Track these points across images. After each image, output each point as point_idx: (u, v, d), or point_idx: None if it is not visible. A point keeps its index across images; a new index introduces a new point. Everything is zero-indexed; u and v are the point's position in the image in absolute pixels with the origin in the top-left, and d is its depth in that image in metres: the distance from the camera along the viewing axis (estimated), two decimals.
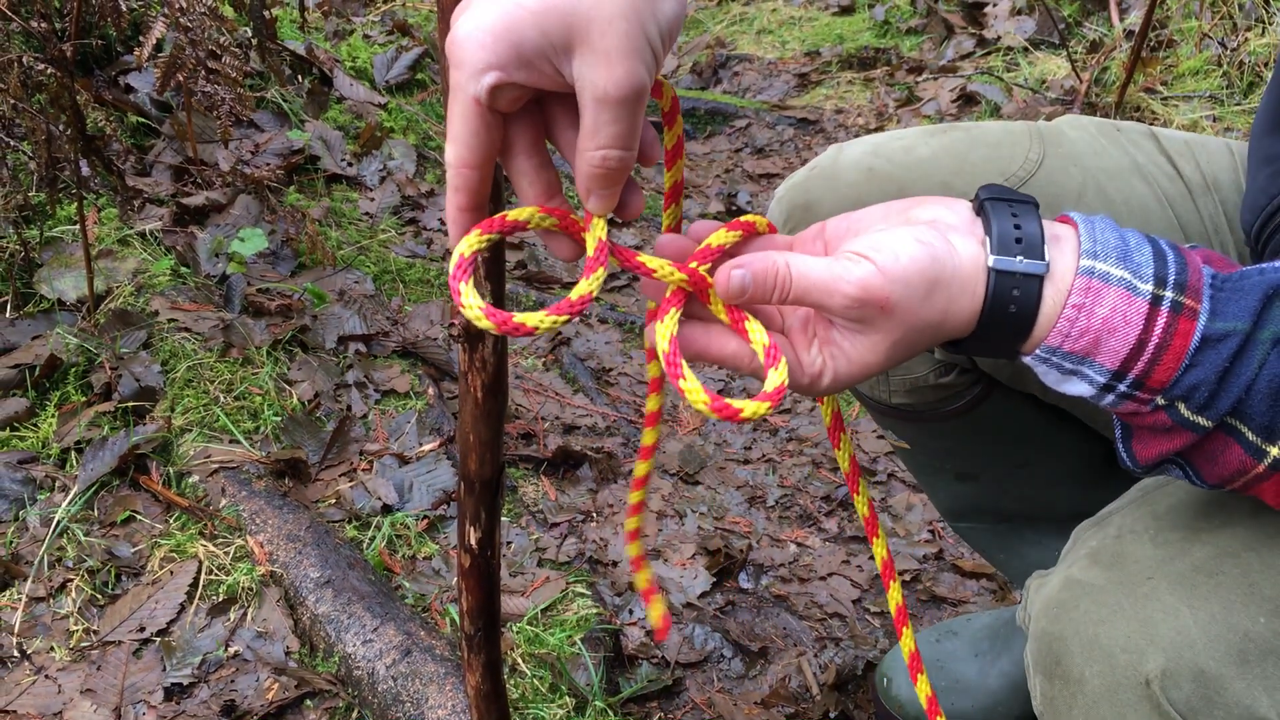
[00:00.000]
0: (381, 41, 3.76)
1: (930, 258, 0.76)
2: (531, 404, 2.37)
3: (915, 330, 0.77)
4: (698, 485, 2.25)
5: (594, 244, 0.79)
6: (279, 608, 1.76)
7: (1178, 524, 0.90)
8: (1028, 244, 0.77)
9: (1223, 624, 0.81)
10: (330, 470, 2.05)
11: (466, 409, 1.01)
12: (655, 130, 0.82)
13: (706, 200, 3.58)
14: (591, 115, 0.72)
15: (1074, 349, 0.76)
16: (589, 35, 0.69)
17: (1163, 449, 0.79)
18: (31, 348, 2.10)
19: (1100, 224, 0.79)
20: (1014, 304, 0.76)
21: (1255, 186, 1.06)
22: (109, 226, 2.40)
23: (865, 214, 0.84)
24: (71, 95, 1.92)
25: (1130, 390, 0.77)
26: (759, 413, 0.77)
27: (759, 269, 0.77)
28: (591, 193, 0.77)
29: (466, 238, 0.77)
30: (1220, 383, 0.74)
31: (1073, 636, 0.86)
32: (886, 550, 1.02)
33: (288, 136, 2.95)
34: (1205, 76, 3.57)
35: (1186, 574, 0.85)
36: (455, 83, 0.72)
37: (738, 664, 1.82)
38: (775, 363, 0.78)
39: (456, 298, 0.76)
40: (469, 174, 0.75)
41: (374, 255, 2.72)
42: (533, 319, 0.76)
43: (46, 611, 1.74)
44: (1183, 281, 0.75)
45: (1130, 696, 0.81)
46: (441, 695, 1.57)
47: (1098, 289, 0.75)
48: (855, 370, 0.80)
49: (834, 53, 4.76)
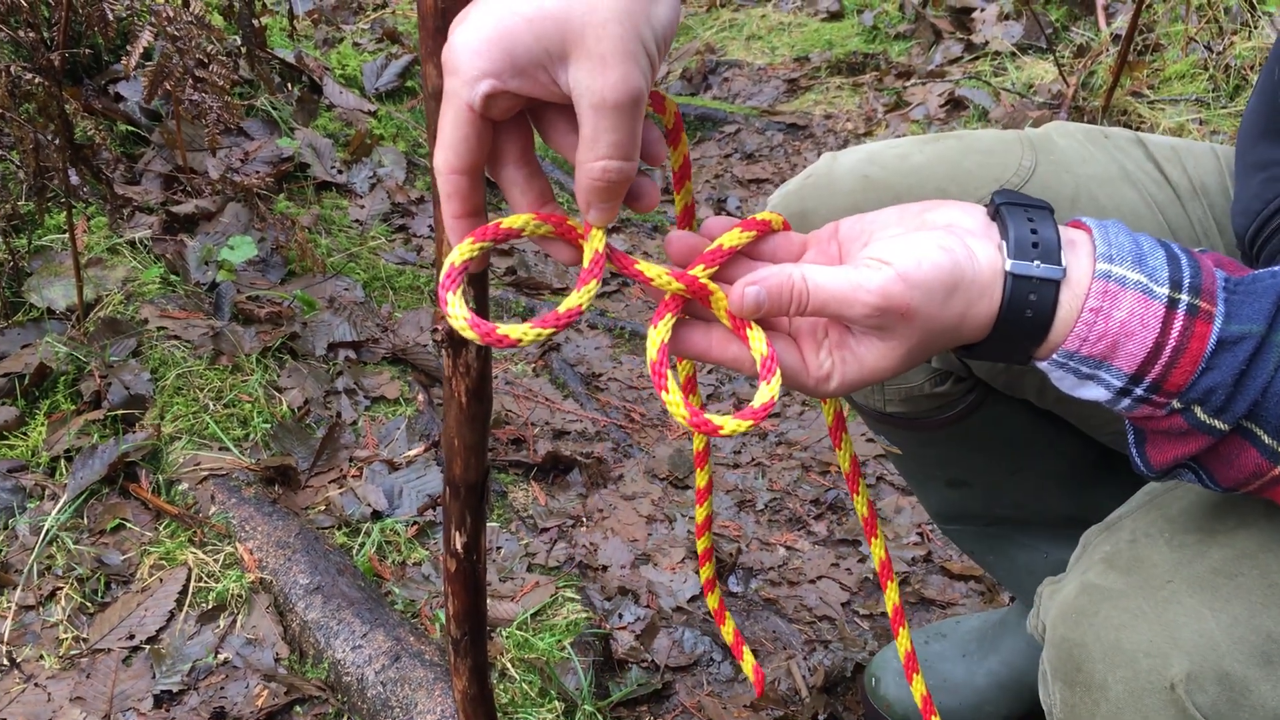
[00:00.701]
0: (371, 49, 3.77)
1: (952, 263, 0.75)
2: (521, 409, 2.38)
3: (932, 335, 0.77)
4: (687, 489, 2.26)
5: (590, 255, 0.78)
6: (268, 614, 1.76)
7: (1191, 526, 0.90)
8: (1044, 249, 0.77)
9: (1246, 626, 0.81)
10: (320, 477, 2.06)
11: (451, 414, 1.01)
12: (657, 128, 0.81)
13: (697, 205, 3.59)
14: (590, 124, 0.71)
15: (1091, 353, 0.76)
16: (584, 40, 0.69)
17: (1178, 453, 0.79)
18: (21, 356, 2.10)
19: (1114, 228, 0.79)
20: (1030, 309, 0.76)
21: (1248, 192, 1.06)
22: (98, 235, 2.40)
23: (879, 216, 0.84)
24: (60, 104, 1.92)
25: (1147, 394, 0.76)
26: (739, 430, 0.77)
27: (774, 285, 0.77)
28: (592, 205, 0.76)
29: (459, 246, 0.77)
30: (1237, 385, 0.74)
31: (1094, 642, 0.85)
32: (885, 551, 1.02)
33: (277, 144, 2.95)
34: (1191, 80, 3.59)
35: (1206, 576, 0.84)
36: (449, 89, 0.72)
37: (727, 667, 1.83)
38: (769, 376, 0.78)
39: (444, 307, 0.76)
40: (459, 180, 0.75)
41: (364, 262, 2.73)
42: (517, 331, 0.75)
43: (36, 619, 1.74)
44: (1197, 285, 0.75)
45: (1155, 702, 0.81)
46: (431, 700, 1.57)
47: (1115, 292, 0.75)
48: (866, 375, 0.79)
49: (823, 58, 4.78)
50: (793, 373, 0.80)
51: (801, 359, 0.81)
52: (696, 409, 0.77)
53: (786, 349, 0.81)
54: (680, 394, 0.77)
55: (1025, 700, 1.64)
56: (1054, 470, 1.44)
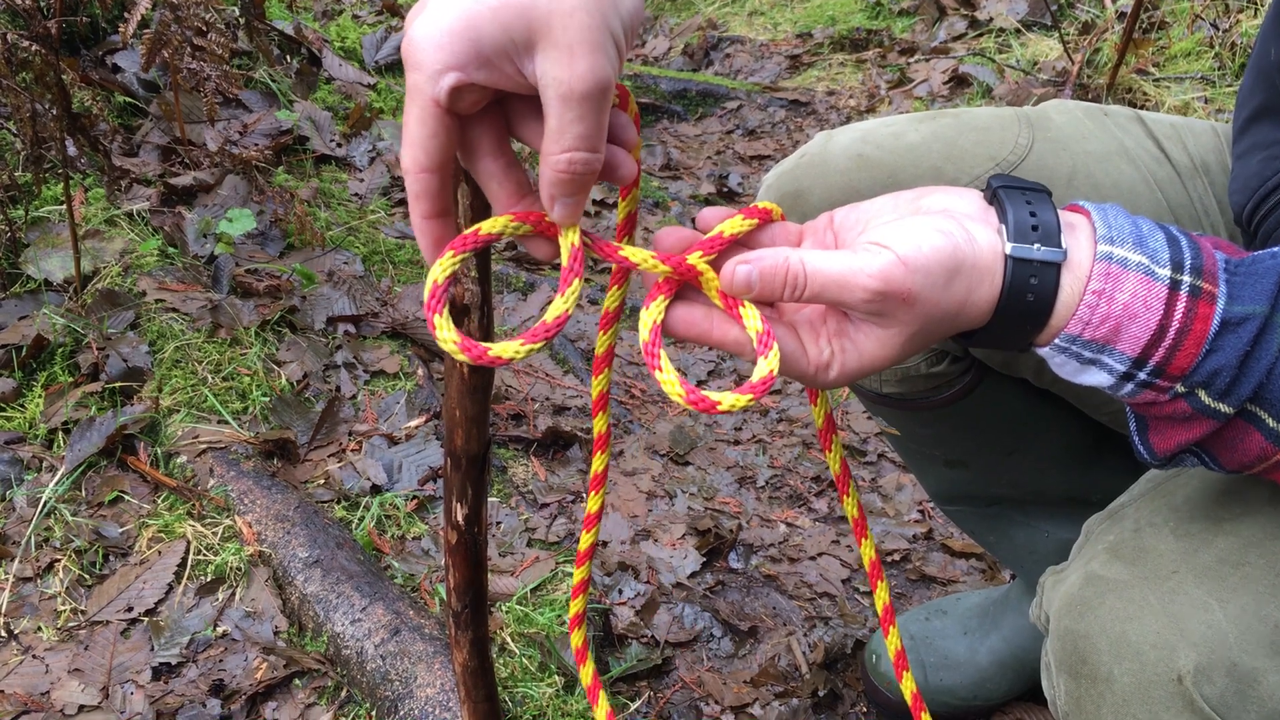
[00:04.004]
0: (371, 21, 3.74)
1: (952, 247, 0.74)
2: (522, 385, 2.37)
3: (933, 321, 0.75)
4: (688, 466, 2.25)
5: (568, 252, 0.76)
6: (267, 587, 1.75)
7: (1196, 515, 0.89)
8: (1044, 232, 0.75)
9: (1253, 616, 0.80)
10: (319, 451, 2.05)
11: (453, 385, 1.00)
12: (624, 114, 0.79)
13: (698, 182, 3.57)
14: (557, 115, 0.69)
15: (1094, 336, 0.75)
16: (550, 29, 0.67)
17: (1181, 439, 0.78)
18: (18, 328, 2.09)
19: (1113, 211, 0.77)
20: (1031, 292, 0.75)
21: (1247, 170, 1.05)
22: (96, 206, 2.39)
23: (874, 204, 0.82)
24: (57, 73, 1.90)
25: (1150, 378, 0.75)
26: (738, 405, 0.75)
27: (768, 266, 0.75)
28: (556, 200, 0.73)
29: (440, 262, 0.75)
30: (1241, 367, 0.73)
31: (1099, 634, 0.84)
32: (875, 552, 1.01)
33: (276, 117, 2.93)
34: (1197, 58, 3.57)
35: (1212, 566, 0.83)
36: (413, 84, 0.69)
37: (727, 643, 1.82)
38: (766, 350, 0.76)
39: (432, 330, 0.74)
40: (428, 179, 0.72)
41: (363, 236, 2.71)
42: (508, 351, 0.74)
43: (34, 591, 1.73)
44: (1199, 266, 0.74)
45: (1162, 694, 0.80)
46: (430, 674, 1.57)
47: (1117, 274, 0.74)
48: (866, 363, 0.78)
49: (826, 34, 4.74)
50: (792, 360, 0.78)
51: (801, 346, 0.79)
52: (693, 386, 0.76)
53: (786, 336, 0.79)
54: (675, 373, 0.76)
55: (1025, 678, 1.64)
56: (1052, 450, 1.43)
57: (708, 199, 3.44)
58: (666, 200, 3.39)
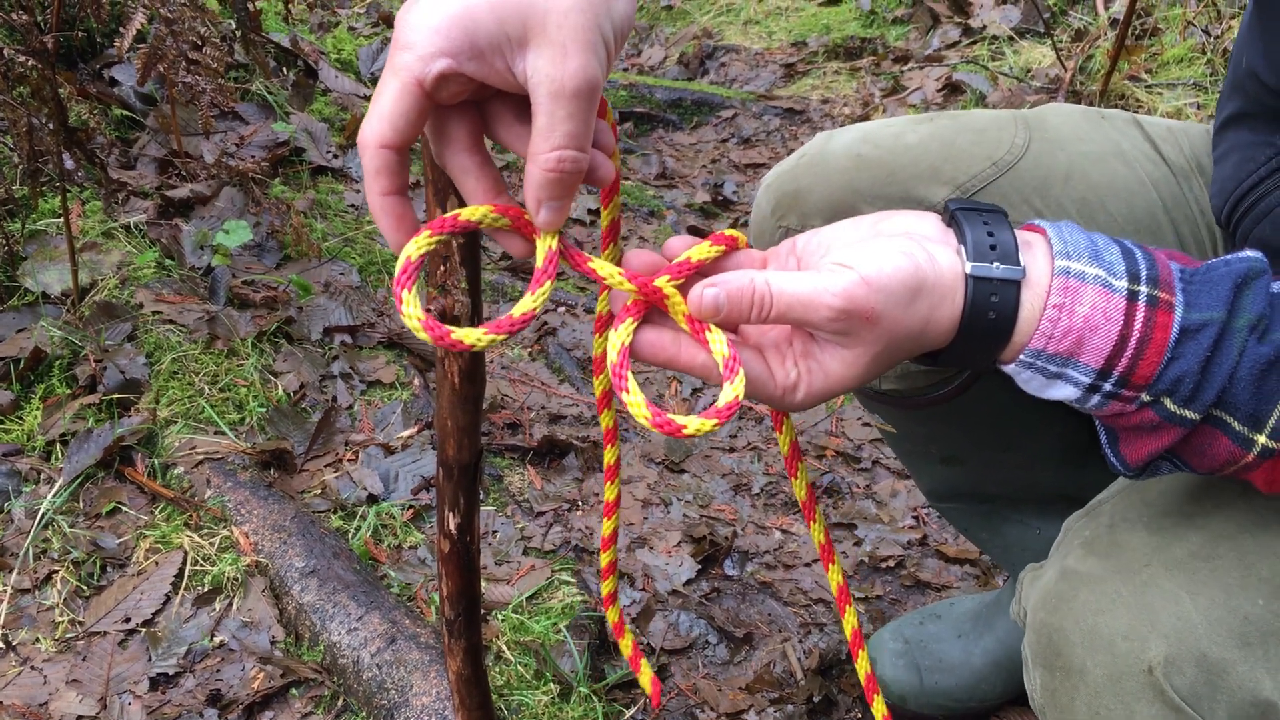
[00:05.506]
0: (367, 33, 3.76)
1: (914, 266, 0.75)
2: (517, 394, 2.38)
3: (897, 340, 0.77)
4: (683, 473, 2.26)
5: (544, 254, 0.77)
6: (264, 597, 1.76)
7: (1170, 510, 0.90)
8: (1002, 250, 0.77)
9: (1223, 608, 0.81)
10: (316, 461, 2.06)
11: (444, 395, 1.01)
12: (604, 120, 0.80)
13: (693, 190, 3.58)
14: (547, 113, 0.70)
15: (1058, 350, 0.76)
16: (545, 27, 0.69)
17: (1151, 448, 0.79)
18: (16, 341, 2.10)
19: (1067, 227, 0.79)
20: (993, 310, 0.76)
21: (1223, 173, 1.07)
22: (93, 219, 2.40)
23: (835, 229, 0.84)
24: (54, 87, 1.91)
25: (1115, 389, 0.76)
26: (703, 430, 0.76)
27: (735, 288, 0.76)
28: (543, 203, 0.74)
29: (415, 239, 0.75)
30: (1204, 373, 0.74)
31: (1072, 627, 0.86)
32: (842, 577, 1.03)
33: (273, 129, 2.94)
34: (1189, 64, 3.58)
35: (1183, 560, 0.85)
36: (398, 63, 0.70)
37: (722, 650, 1.83)
38: (732, 376, 0.77)
39: (399, 305, 0.75)
40: (388, 155, 0.73)
41: (359, 247, 2.72)
42: (470, 336, 0.75)
43: (32, 603, 1.74)
44: (1154, 276, 0.76)
45: (1133, 685, 0.81)
46: (426, 682, 1.57)
47: (1075, 288, 0.75)
48: (832, 385, 0.79)
49: (820, 43, 4.76)
50: (759, 383, 0.79)
51: (768, 369, 0.80)
52: (659, 409, 0.77)
53: (752, 359, 0.80)
54: (641, 395, 0.77)
55: (1020, 680, 1.64)
56: (1046, 448, 1.44)
57: (703, 207, 3.46)
58: (661, 209, 3.40)
